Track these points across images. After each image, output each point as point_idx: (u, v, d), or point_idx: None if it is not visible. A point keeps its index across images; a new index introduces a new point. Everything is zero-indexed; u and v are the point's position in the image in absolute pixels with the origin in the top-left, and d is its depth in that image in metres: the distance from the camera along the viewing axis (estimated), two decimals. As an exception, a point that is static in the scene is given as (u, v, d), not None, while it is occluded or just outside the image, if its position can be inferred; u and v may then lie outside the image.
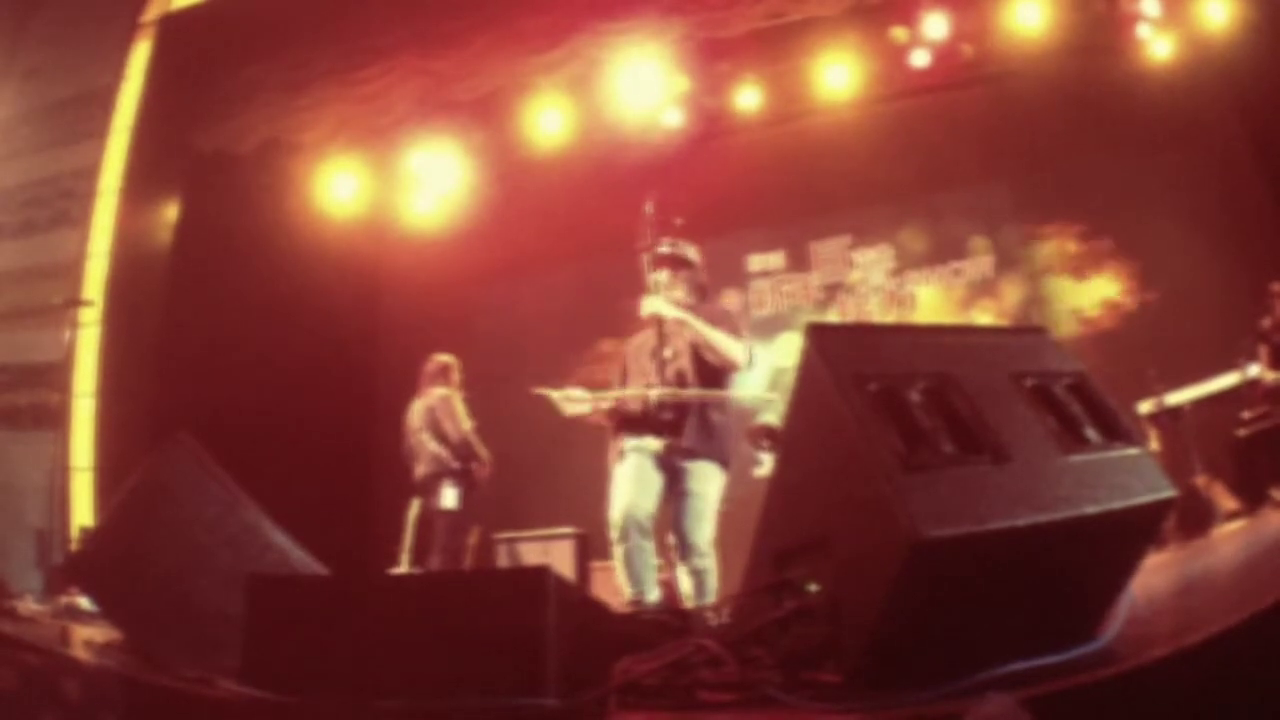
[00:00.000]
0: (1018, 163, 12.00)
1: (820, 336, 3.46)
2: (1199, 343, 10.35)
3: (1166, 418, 9.37)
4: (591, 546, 10.70)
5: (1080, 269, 11.99)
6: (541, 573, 3.38)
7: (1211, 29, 10.61)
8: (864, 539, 3.06)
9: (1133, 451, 3.44)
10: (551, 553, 10.65)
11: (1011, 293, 12.22)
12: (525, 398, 7.69)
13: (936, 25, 11.09)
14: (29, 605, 6.20)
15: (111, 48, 11.90)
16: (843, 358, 3.34)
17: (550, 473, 12.19)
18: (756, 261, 13.27)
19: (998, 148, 11.86)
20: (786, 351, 12.57)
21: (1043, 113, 11.44)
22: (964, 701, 2.64)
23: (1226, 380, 9.60)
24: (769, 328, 12.99)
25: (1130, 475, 3.32)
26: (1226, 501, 8.49)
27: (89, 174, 11.52)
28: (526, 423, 10.38)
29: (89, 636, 4.86)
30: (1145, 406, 9.60)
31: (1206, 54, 10.88)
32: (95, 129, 11.66)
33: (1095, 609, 3.36)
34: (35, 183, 11.40)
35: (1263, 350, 9.49)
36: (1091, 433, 3.42)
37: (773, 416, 10.62)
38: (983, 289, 12.35)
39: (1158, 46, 11.07)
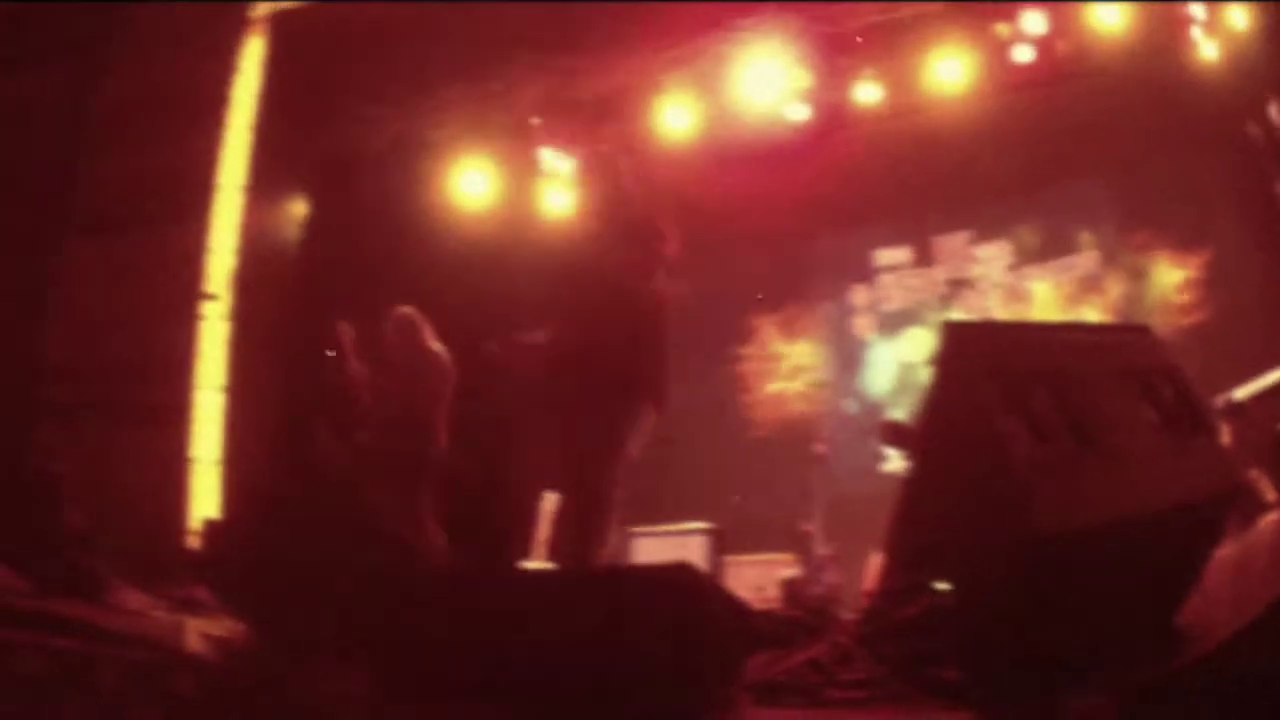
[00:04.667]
0: (1114, 158, 11.87)
1: (955, 335, 3.62)
2: (1268, 337, 10.19)
3: (1233, 411, 9.21)
4: (725, 541, 10.63)
5: (1167, 264, 11.86)
6: (684, 571, 3.38)
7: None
8: (992, 535, 3.15)
9: (1213, 444, 3.69)
10: (686, 548, 10.58)
11: (1114, 288, 12.06)
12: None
13: (1034, 21, 11.04)
14: (138, 598, 6.22)
15: (218, 41, 11.96)
16: (976, 356, 3.43)
17: (683, 466, 12.15)
18: (884, 256, 13.17)
19: (1097, 143, 11.71)
20: (913, 347, 12.48)
21: (1130, 110, 11.27)
22: (1062, 697, 2.81)
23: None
24: (896, 323, 12.92)
25: (1211, 467, 3.53)
26: (1269, 493, 8.36)
27: (205, 168, 11.59)
28: (660, 416, 10.41)
29: (206, 630, 4.86)
30: (1218, 400, 9.48)
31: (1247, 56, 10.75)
32: (207, 123, 11.73)
33: (1177, 598, 3.47)
34: (145, 175, 11.47)
35: None
36: (1184, 426, 3.56)
37: (900, 413, 10.54)
38: (1089, 284, 12.20)
39: (1207, 48, 10.93)
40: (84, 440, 10.36)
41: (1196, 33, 10.83)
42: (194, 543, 9.83)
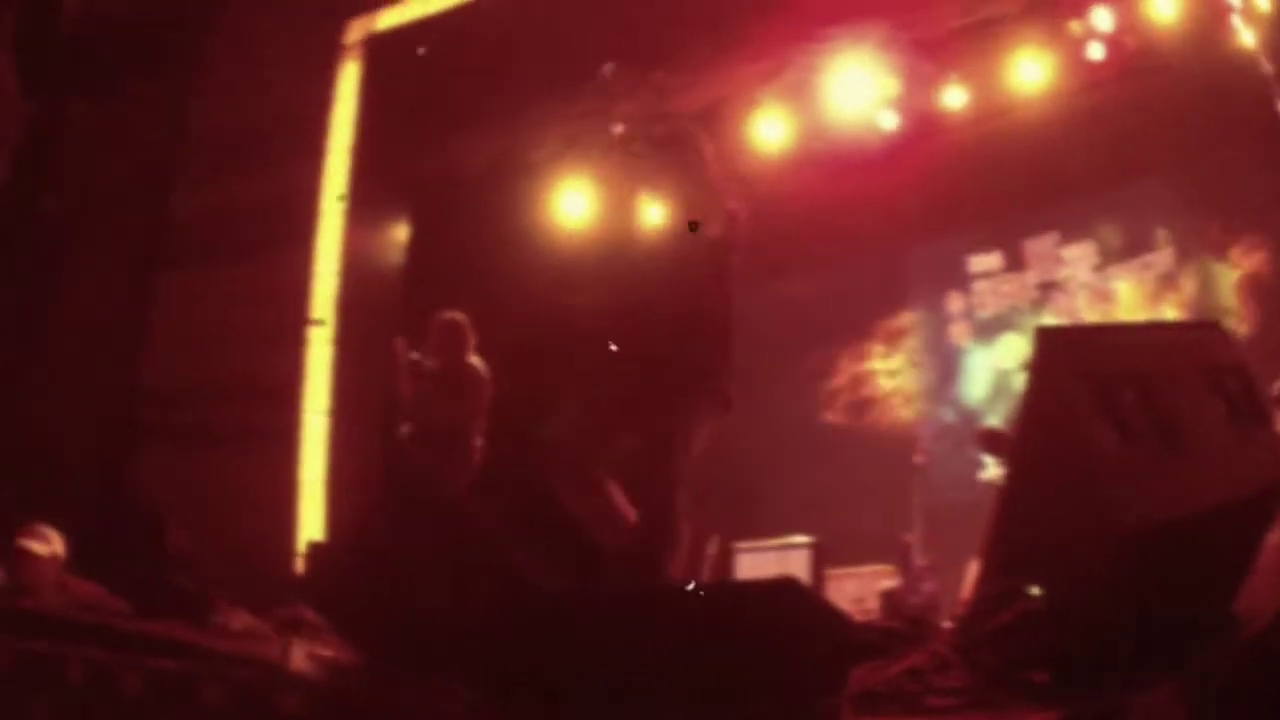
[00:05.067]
0: (1180, 152, 11.73)
1: (1047, 340, 3.62)
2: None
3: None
4: (827, 555, 10.63)
5: (1234, 256, 11.74)
6: (789, 585, 3.44)
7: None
8: (1081, 536, 3.20)
9: (1271, 434, 3.80)
10: (789, 562, 10.58)
11: (1189, 284, 11.94)
12: (759, 404, 7.67)
13: (1103, 18, 11.00)
14: (243, 619, 6.31)
15: (314, 68, 12.12)
16: (1067, 361, 3.49)
17: (784, 479, 12.17)
18: (977, 263, 13.11)
19: (1164, 138, 11.59)
20: (1008, 353, 12.42)
21: (1190, 102, 11.17)
22: (1132, 692, 2.88)
23: None
24: (990, 329, 12.84)
25: (1269, 456, 3.62)
26: None
27: (307, 194, 11.77)
28: (759, 430, 10.39)
29: (312, 651, 4.94)
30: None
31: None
32: (307, 149, 11.89)
33: (1236, 584, 3.51)
34: (249, 201, 11.65)
35: None
36: (1248, 417, 3.62)
37: (997, 420, 10.50)
38: (1166, 282, 12.09)
39: (1246, 36, 10.82)
40: (190, 464, 10.57)
41: (1235, 20, 10.78)
42: (299, 564, 10.01)
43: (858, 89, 11.46)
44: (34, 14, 11.03)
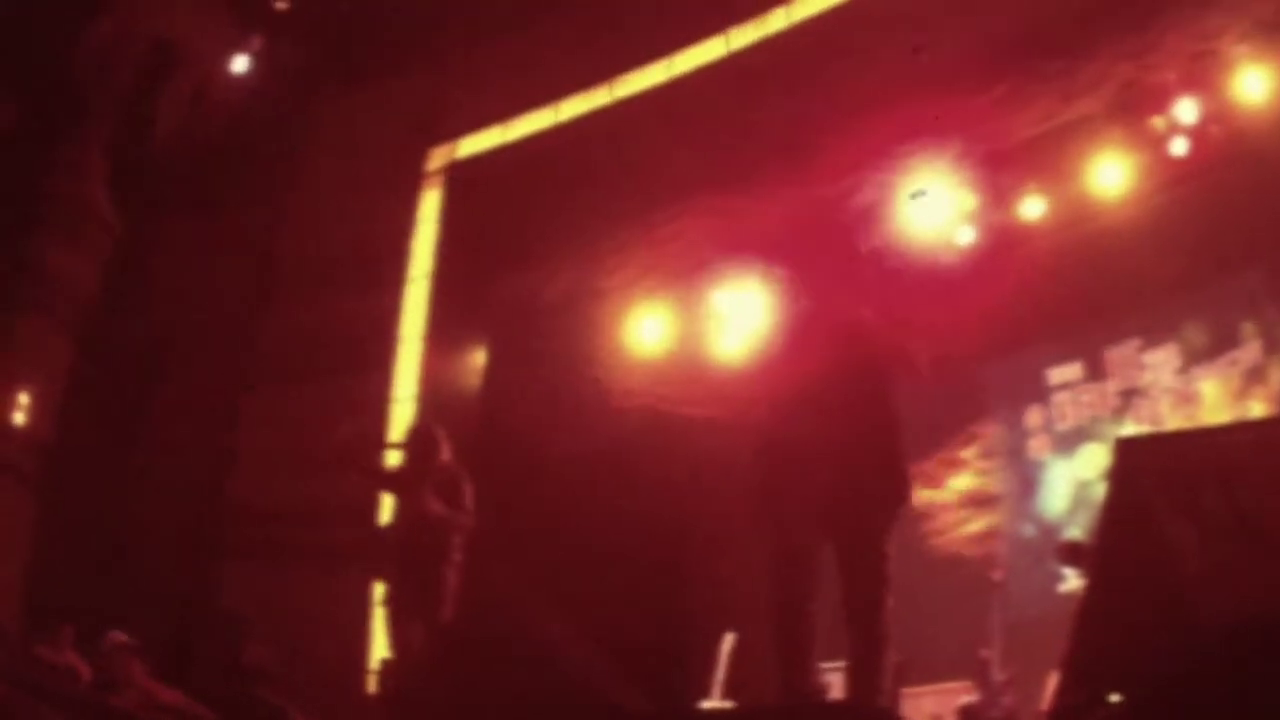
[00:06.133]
0: (1270, 240, 11.52)
1: (1127, 450, 3.72)
2: None
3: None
4: (905, 672, 10.43)
5: None
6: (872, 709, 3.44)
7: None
8: (1162, 641, 3.21)
9: None
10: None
11: (1277, 376, 11.67)
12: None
13: (1187, 110, 10.88)
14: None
15: (397, 194, 12.33)
16: (1147, 468, 3.49)
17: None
18: (1056, 375, 12.98)
19: (1251, 227, 11.39)
20: (1089, 464, 12.23)
21: None
22: None
23: None
24: (1070, 441, 12.65)
25: None
26: None
27: (388, 319, 11.92)
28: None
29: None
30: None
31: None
32: (389, 275, 12.08)
33: None
34: (330, 326, 11.79)
35: None
36: None
37: (1078, 532, 10.35)
38: (1254, 376, 11.82)
39: None
40: (271, 579, 10.65)
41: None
42: (373, 681, 10.03)
43: (934, 206, 11.46)
44: (129, 133, 11.34)
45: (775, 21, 10.99)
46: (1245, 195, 11.03)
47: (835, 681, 10.08)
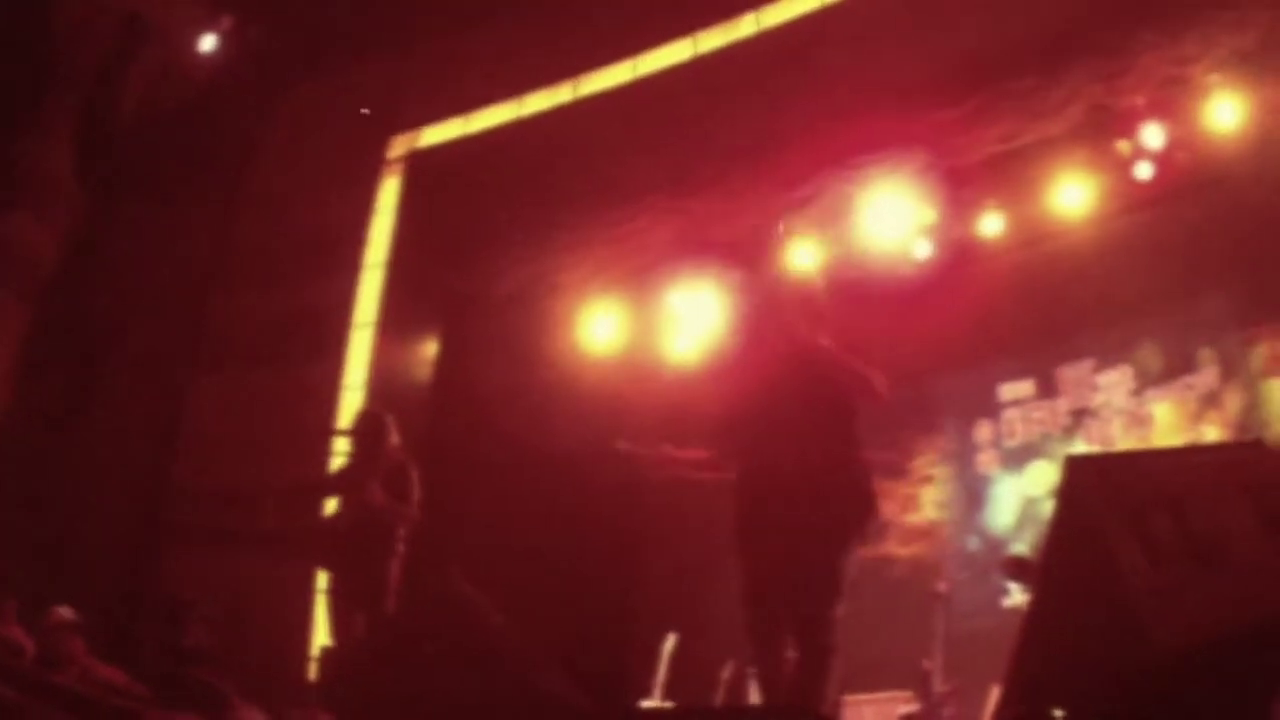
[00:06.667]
0: (1232, 267, 11.60)
1: (1076, 469, 3.70)
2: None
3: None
4: (845, 681, 10.45)
5: None
6: (801, 712, 3.45)
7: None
8: (1109, 661, 3.23)
9: None
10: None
11: (1233, 402, 11.75)
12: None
13: (1154, 135, 10.95)
14: (258, 717, 6.34)
15: (356, 181, 12.26)
16: (1096, 488, 3.52)
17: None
18: (1008, 391, 13.05)
19: (1214, 254, 11.48)
20: (1036, 481, 12.31)
21: (1249, 212, 11.07)
22: None
23: None
24: (1019, 457, 12.73)
25: None
26: None
27: (342, 306, 11.85)
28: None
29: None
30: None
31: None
32: (344, 262, 12.01)
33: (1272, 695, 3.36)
34: (283, 311, 11.71)
35: None
36: None
37: (1023, 547, 10.43)
38: (1209, 401, 11.92)
39: None
40: (213, 562, 10.59)
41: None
42: (314, 668, 10.00)
43: (892, 217, 11.49)
44: (96, 107, 11.23)
45: (745, 27, 10.96)
46: (1208, 222, 11.12)
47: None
